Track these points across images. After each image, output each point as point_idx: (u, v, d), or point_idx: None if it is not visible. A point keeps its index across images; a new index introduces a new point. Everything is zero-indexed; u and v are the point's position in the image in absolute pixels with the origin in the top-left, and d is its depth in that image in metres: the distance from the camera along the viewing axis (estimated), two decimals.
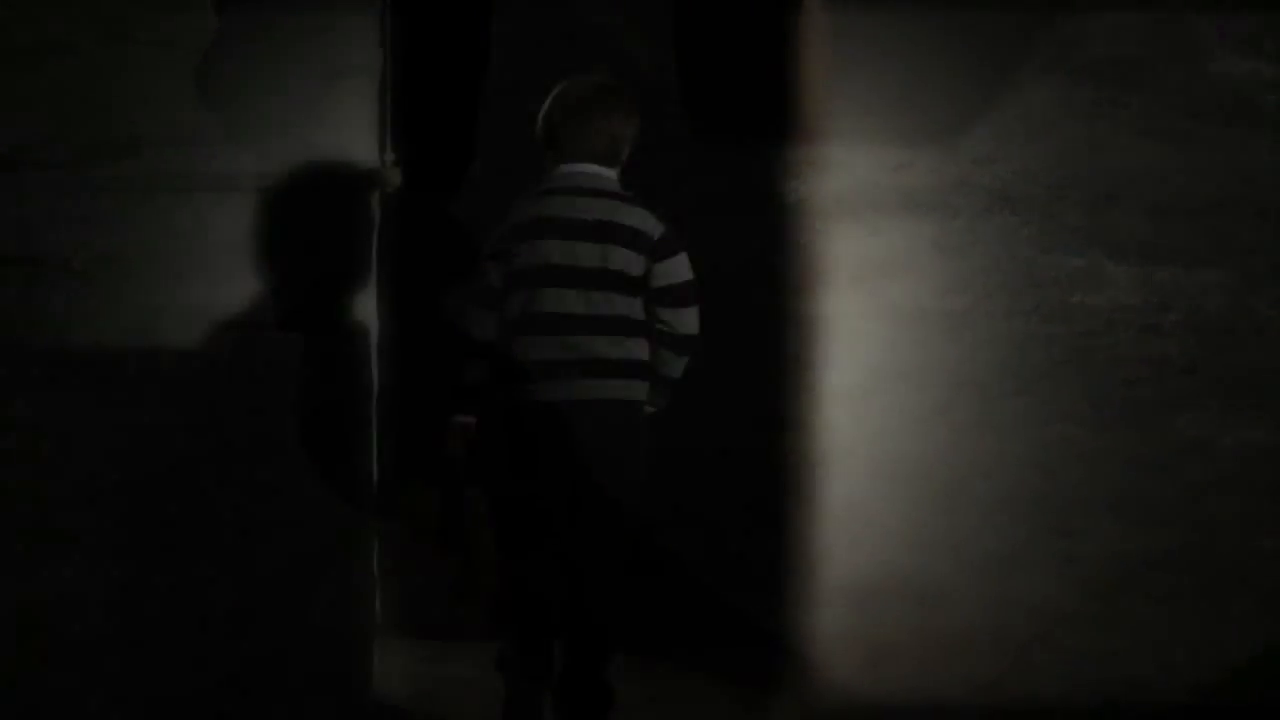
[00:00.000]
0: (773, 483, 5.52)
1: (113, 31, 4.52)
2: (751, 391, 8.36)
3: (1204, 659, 4.68)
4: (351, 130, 4.61)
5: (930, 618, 4.64)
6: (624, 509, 4.73)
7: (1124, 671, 4.68)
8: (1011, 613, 4.67)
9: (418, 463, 5.03)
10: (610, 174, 4.80)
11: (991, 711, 4.72)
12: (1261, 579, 4.69)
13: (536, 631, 4.76)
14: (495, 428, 4.74)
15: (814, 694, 4.71)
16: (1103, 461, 4.70)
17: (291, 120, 4.58)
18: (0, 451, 4.45)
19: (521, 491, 4.72)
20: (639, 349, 4.75)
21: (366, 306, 4.69)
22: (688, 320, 4.77)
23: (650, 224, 4.73)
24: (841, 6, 4.71)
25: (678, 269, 4.75)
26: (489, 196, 8.27)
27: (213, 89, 4.56)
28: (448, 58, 8.38)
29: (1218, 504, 4.71)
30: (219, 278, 4.51)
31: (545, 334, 4.70)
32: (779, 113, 5.16)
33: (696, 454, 6.16)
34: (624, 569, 4.74)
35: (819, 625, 4.73)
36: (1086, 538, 4.67)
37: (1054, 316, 4.71)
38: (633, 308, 4.74)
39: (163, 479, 4.51)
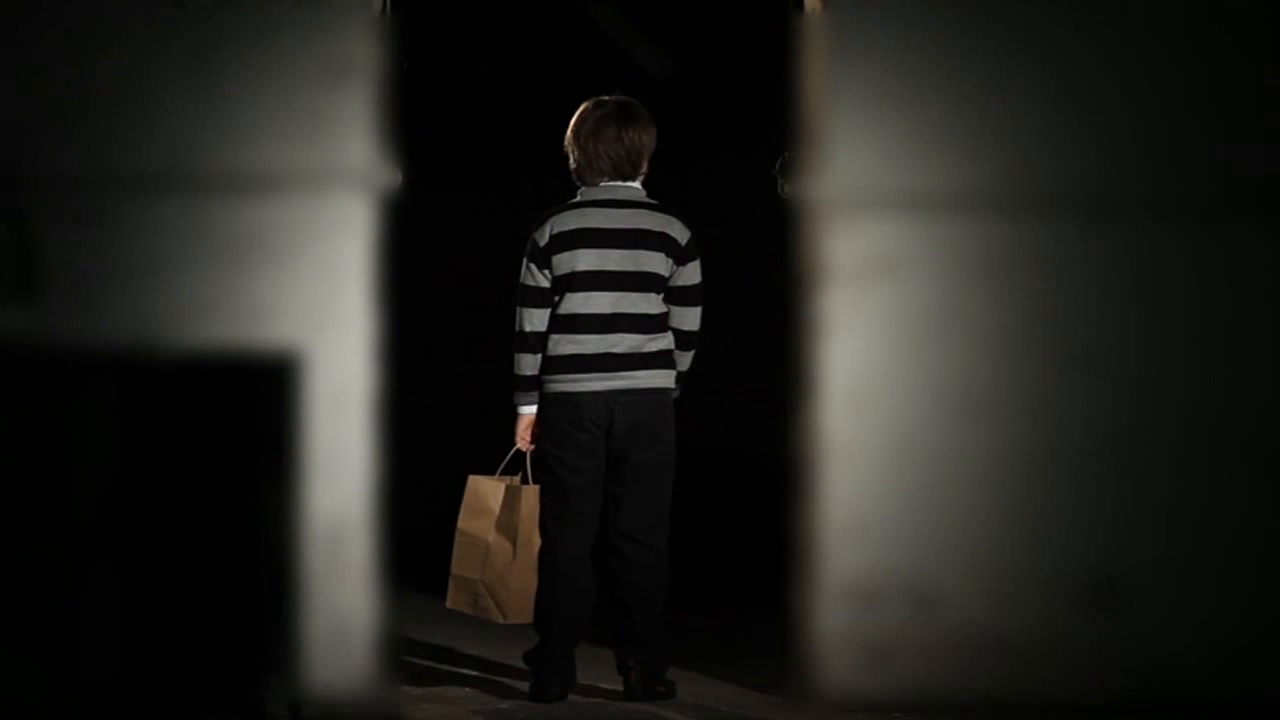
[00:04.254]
0: (773, 483, 5.50)
1: (110, 31, 4.52)
2: (751, 392, 8.37)
3: (1209, 658, 4.67)
4: (351, 130, 4.62)
5: (930, 618, 4.64)
6: (664, 481, 5.26)
7: (1126, 670, 4.67)
8: (1011, 612, 4.66)
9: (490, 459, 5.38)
10: (635, 185, 5.27)
11: (991, 711, 4.72)
12: (1273, 580, 4.67)
13: (566, 625, 5.20)
14: (547, 416, 5.24)
15: (814, 694, 4.71)
16: (1104, 461, 4.69)
17: (290, 120, 4.59)
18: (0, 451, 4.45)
19: (573, 471, 5.21)
20: (668, 341, 5.27)
21: (365, 307, 4.70)
22: (696, 318, 5.30)
23: (677, 229, 5.25)
24: (842, 5, 4.71)
25: (695, 272, 5.29)
26: (487, 196, 8.29)
27: (211, 88, 4.57)
28: (448, 58, 8.39)
29: (1223, 505, 4.69)
30: (217, 278, 4.52)
31: (593, 332, 5.19)
32: (779, 112, 5.18)
33: (696, 455, 6.17)
34: (668, 529, 5.28)
35: (819, 625, 4.73)
36: (1087, 538, 4.67)
37: (1056, 316, 4.70)
38: (663, 305, 5.26)
39: (162, 479, 4.51)
